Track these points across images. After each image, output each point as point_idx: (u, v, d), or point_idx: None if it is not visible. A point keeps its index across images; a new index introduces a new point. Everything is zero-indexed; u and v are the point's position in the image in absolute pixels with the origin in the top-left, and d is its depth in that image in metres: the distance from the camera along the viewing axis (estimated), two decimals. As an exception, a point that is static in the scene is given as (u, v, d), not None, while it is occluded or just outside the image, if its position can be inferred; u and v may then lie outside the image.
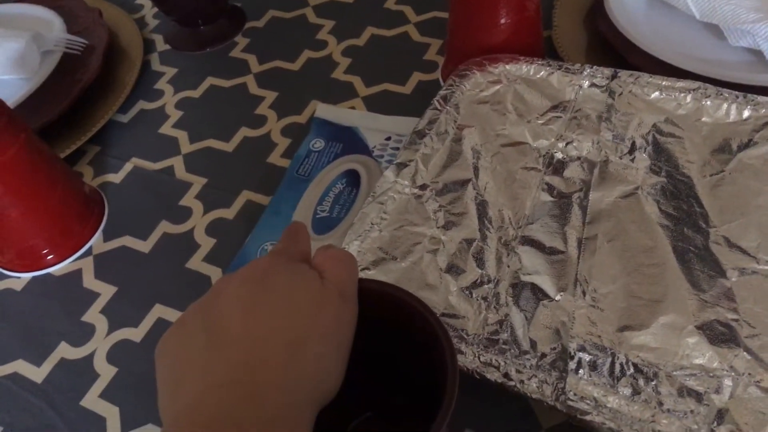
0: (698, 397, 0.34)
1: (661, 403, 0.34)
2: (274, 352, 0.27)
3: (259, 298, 0.28)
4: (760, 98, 0.47)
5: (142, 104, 0.68)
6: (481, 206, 0.46)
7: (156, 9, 0.78)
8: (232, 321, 0.27)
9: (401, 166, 0.49)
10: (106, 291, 0.52)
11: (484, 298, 0.41)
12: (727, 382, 0.35)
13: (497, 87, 0.53)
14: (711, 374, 0.35)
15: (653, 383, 0.35)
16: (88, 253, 0.55)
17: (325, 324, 0.28)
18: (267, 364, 0.26)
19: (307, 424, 0.26)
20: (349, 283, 0.30)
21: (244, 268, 0.30)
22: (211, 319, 0.28)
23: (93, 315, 0.51)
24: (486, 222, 0.45)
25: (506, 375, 0.37)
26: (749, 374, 0.35)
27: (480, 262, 0.43)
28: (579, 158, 0.47)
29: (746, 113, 0.47)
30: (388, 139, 0.57)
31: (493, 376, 0.37)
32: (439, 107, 0.52)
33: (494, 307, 0.41)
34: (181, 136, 0.63)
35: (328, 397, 0.28)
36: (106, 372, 0.48)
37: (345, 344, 0.29)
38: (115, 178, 0.61)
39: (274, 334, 0.27)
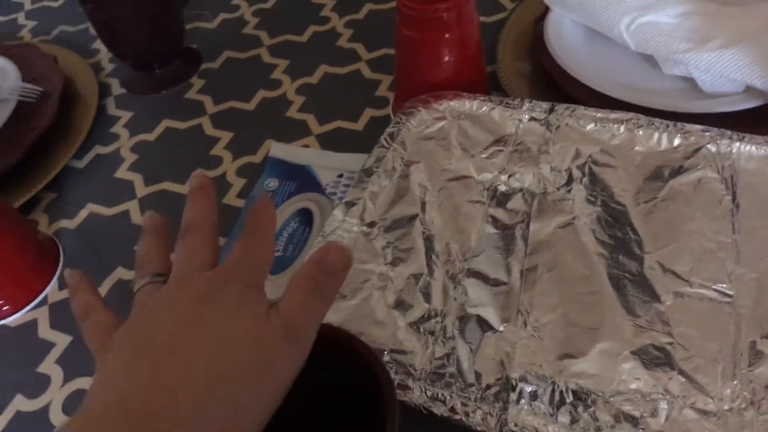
0: (634, 421, 0.36)
1: (599, 429, 0.36)
2: (191, 383, 0.26)
3: (195, 321, 0.27)
4: (689, 126, 0.49)
5: (98, 149, 0.68)
6: (428, 241, 0.47)
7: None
8: (162, 338, 0.27)
9: (350, 204, 0.50)
10: (62, 340, 0.52)
11: (431, 332, 0.42)
12: (663, 405, 0.36)
13: (442, 123, 0.55)
14: (647, 398, 0.37)
15: (591, 410, 0.36)
16: (44, 302, 0.55)
17: (255, 363, 0.27)
18: (181, 394, 0.25)
19: None
20: (302, 319, 0.29)
21: (204, 280, 0.29)
22: (143, 331, 0.28)
23: (48, 365, 0.51)
24: (433, 256, 0.46)
25: (452, 409, 0.38)
26: (684, 396, 0.36)
27: (427, 296, 0.44)
28: (521, 190, 0.49)
29: (677, 141, 0.49)
30: (341, 176, 0.58)
31: (439, 410, 0.38)
32: (386, 145, 0.54)
33: (441, 340, 0.41)
34: (137, 179, 0.64)
35: None
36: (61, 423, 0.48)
37: (276, 386, 0.28)
38: (71, 224, 0.61)
39: (198, 363, 0.26)
